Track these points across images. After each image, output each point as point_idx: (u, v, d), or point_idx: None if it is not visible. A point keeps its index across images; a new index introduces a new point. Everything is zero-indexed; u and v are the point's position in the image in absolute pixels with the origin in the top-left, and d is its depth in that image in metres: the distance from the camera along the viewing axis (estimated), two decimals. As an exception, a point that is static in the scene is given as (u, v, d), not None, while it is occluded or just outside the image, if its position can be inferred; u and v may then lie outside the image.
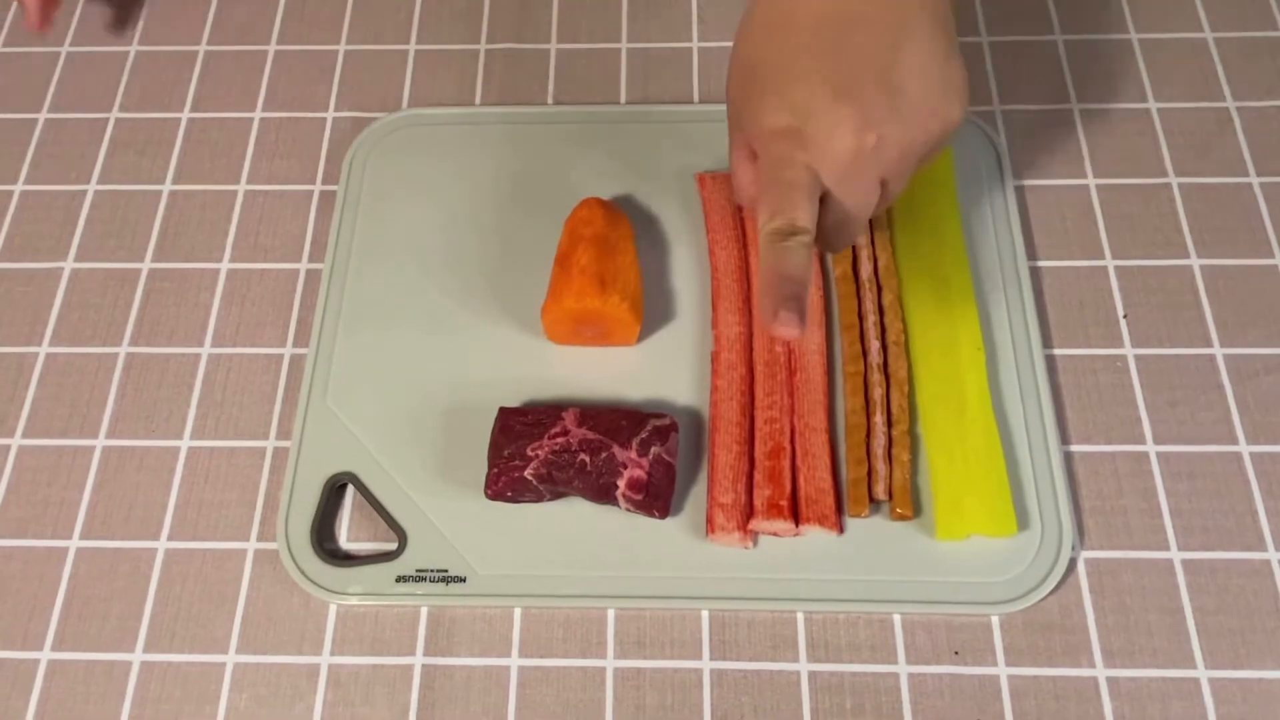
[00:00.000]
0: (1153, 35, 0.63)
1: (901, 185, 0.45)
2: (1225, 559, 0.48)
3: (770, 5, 0.44)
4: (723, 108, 0.48)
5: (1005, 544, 0.48)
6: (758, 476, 0.49)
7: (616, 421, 0.48)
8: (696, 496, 0.49)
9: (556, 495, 0.49)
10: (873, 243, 0.54)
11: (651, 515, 0.48)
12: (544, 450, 0.48)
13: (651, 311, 0.54)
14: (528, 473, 0.47)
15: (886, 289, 0.53)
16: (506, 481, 0.48)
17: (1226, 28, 0.63)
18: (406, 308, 0.55)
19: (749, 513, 0.48)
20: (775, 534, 0.48)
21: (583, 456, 0.47)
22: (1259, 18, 0.63)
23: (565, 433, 0.48)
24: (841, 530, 0.48)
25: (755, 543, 0.48)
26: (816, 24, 0.43)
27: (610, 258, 0.51)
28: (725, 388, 0.51)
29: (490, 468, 0.48)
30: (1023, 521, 0.48)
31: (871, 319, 0.52)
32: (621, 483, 0.47)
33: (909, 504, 0.48)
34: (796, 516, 0.48)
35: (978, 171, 0.58)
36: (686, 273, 0.55)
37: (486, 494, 0.48)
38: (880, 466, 0.49)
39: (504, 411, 0.50)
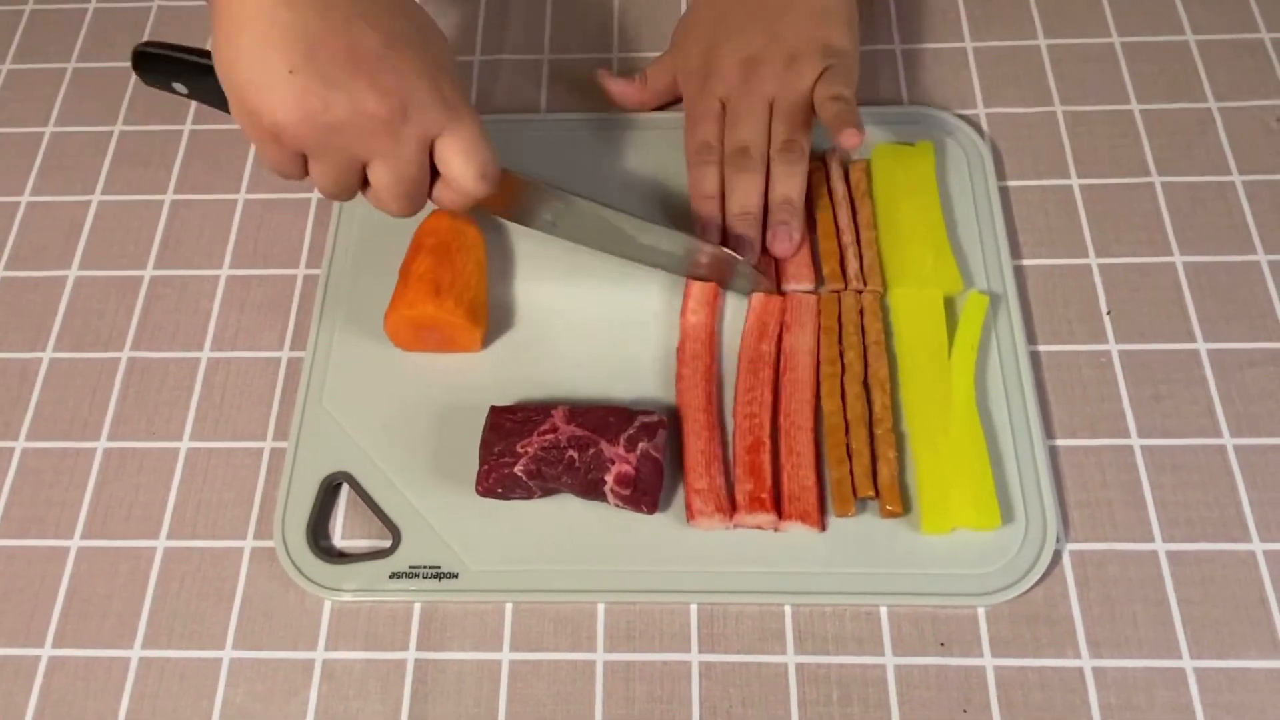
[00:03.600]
0: (1135, 38, 0.64)
1: (786, 106, 0.55)
2: (1210, 550, 0.48)
3: None
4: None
5: (990, 537, 0.48)
6: (738, 471, 0.49)
7: (605, 418, 0.49)
8: (685, 492, 0.50)
9: (547, 492, 0.50)
10: (858, 241, 0.55)
11: (640, 510, 0.48)
12: (533, 447, 0.48)
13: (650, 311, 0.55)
14: (517, 469, 0.48)
15: (869, 289, 0.54)
16: (497, 478, 0.48)
17: (1207, 30, 0.64)
18: (401, 311, 0.56)
19: (729, 496, 0.49)
20: (759, 527, 0.49)
21: (571, 453, 0.48)
22: (1239, 20, 0.64)
23: (554, 430, 0.49)
24: (824, 528, 0.49)
25: (735, 523, 0.49)
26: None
27: (449, 265, 0.52)
28: (690, 376, 0.52)
29: (481, 465, 0.49)
30: (1007, 514, 0.48)
31: (851, 316, 0.53)
32: (609, 478, 0.48)
33: (898, 500, 0.49)
34: (779, 511, 0.48)
35: (962, 172, 0.58)
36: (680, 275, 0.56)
37: (477, 490, 0.49)
38: (863, 465, 0.49)
39: (495, 410, 0.50)
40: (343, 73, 0.42)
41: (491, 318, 0.55)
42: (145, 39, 0.68)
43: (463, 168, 0.46)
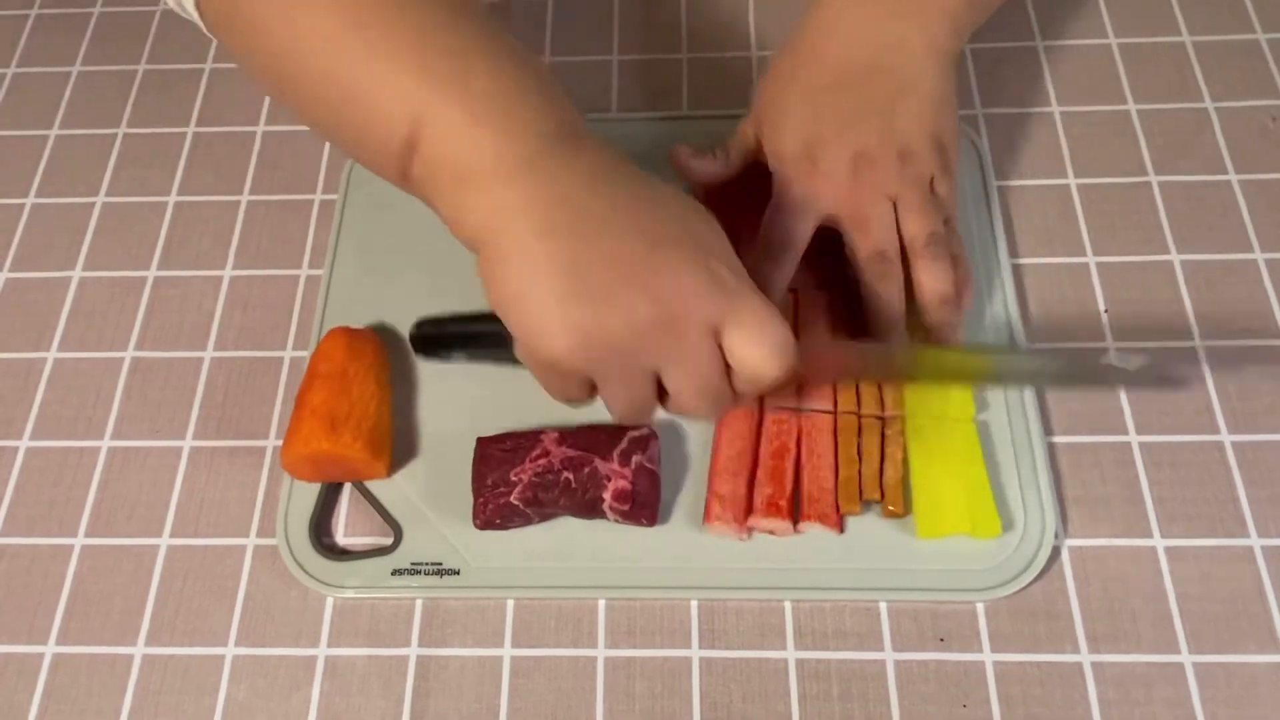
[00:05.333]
0: (1132, 40, 0.64)
1: (916, 201, 0.50)
2: (1208, 545, 0.48)
3: (802, 43, 0.53)
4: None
5: (989, 533, 0.48)
6: (760, 474, 0.49)
7: (596, 437, 0.49)
8: (687, 490, 0.50)
9: (545, 517, 0.49)
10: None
11: (639, 524, 0.48)
12: (527, 474, 0.48)
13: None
14: (513, 498, 0.48)
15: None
16: (494, 509, 0.48)
17: (1204, 31, 0.64)
18: (401, 312, 0.56)
19: (747, 507, 0.49)
20: (771, 532, 0.49)
21: (566, 475, 0.48)
22: (1235, 21, 0.64)
23: (546, 454, 0.48)
24: (842, 529, 0.49)
25: (751, 534, 0.49)
26: (836, 68, 0.51)
27: (345, 394, 0.49)
28: None
29: (476, 498, 0.48)
30: (1005, 513, 0.48)
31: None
32: (607, 495, 0.47)
33: (900, 501, 0.49)
34: (797, 514, 0.48)
35: (960, 173, 0.59)
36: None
37: (476, 524, 0.48)
38: (872, 468, 0.49)
39: (482, 441, 0.50)
40: (612, 288, 0.39)
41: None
42: (150, 41, 0.68)
43: (752, 351, 0.41)
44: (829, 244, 0.51)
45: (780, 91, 0.53)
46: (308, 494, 0.51)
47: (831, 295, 0.54)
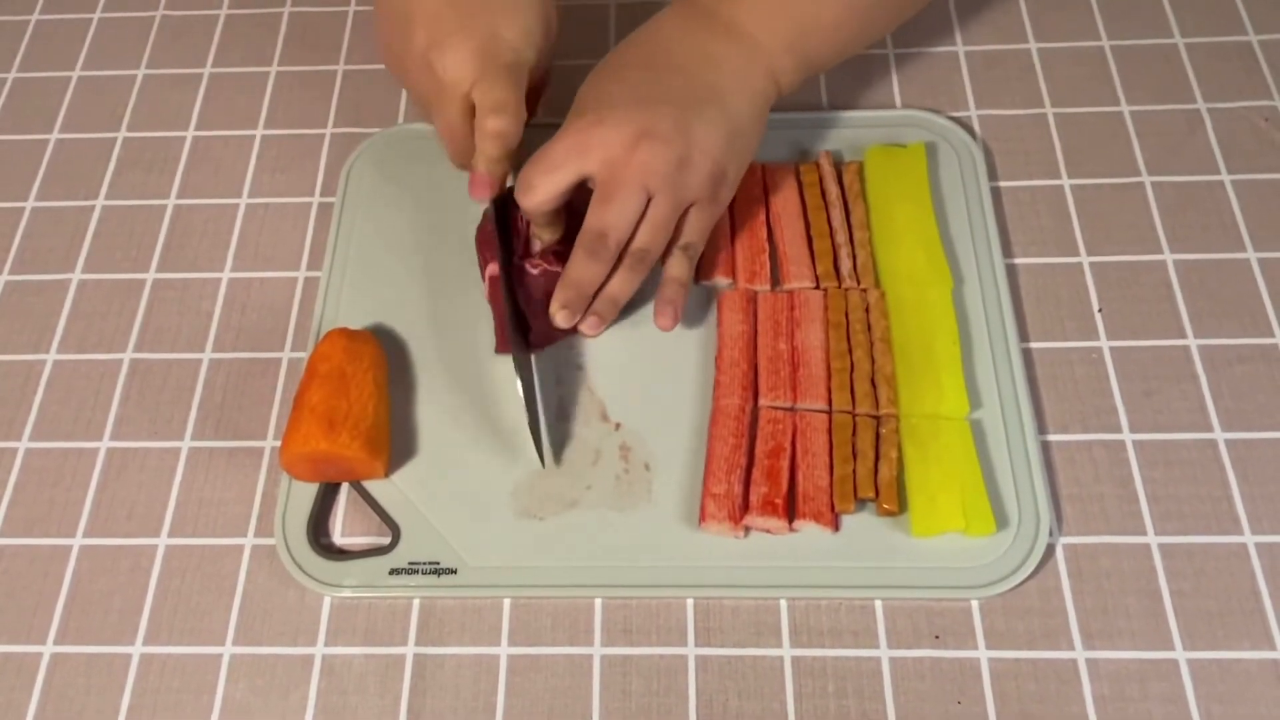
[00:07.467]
0: (1124, 41, 0.65)
1: (660, 213, 0.50)
2: (1201, 543, 0.49)
3: (624, 42, 0.55)
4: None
5: (984, 530, 0.49)
6: (756, 474, 0.50)
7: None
8: (682, 486, 0.50)
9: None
10: (851, 241, 0.56)
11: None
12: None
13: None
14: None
15: (871, 286, 0.55)
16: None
17: (1196, 33, 0.65)
18: (399, 314, 0.56)
19: (742, 505, 0.49)
20: (767, 530, 0.49)
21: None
22: (1227, 23, 0.65)
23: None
24: (837, 528, 0.49)
25: (747, 533, 0.49)
26: (651, 56, 0.53)
27: (344, 394, 0.50)
28: (727, 383, 0.52)
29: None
30: (1000, 511, 0.49)
31: (859, 314, 0.54)
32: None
33: (895, 500, 0.49)
34: (793, 512, 0.49)
35: (955, 173, 0.59)
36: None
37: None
38: (866, 466, 0.50)
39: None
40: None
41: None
42: (150, 46, 0.69)
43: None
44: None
45: (595, 73, 0.53)
46: (305, 494, 0.51)
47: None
